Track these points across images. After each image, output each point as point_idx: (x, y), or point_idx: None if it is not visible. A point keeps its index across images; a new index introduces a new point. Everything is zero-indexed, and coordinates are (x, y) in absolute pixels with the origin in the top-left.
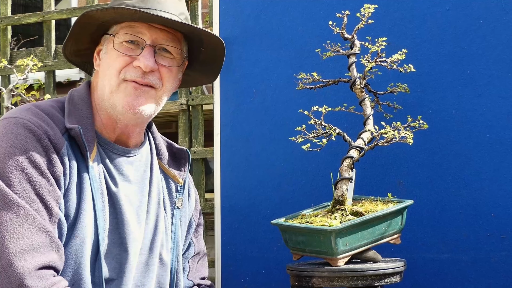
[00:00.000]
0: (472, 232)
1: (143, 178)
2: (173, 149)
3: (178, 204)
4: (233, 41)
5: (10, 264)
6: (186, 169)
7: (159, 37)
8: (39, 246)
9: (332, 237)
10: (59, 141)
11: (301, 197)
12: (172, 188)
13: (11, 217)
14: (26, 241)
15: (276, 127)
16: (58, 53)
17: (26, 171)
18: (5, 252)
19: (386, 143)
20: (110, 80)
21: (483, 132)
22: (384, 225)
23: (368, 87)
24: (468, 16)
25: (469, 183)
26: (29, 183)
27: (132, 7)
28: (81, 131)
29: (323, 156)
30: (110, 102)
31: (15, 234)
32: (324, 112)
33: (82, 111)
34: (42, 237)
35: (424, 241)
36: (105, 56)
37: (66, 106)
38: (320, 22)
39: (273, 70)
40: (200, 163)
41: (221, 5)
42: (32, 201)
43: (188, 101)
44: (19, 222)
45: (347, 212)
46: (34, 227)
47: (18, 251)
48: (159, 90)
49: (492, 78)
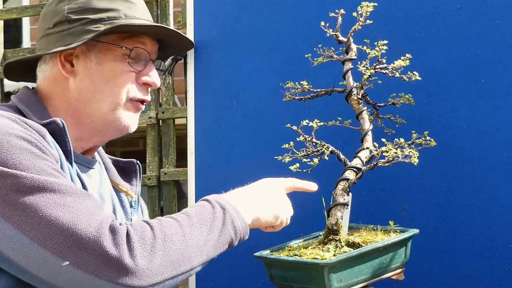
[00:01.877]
0: (487, 267)
1: (100, 193)
2: (120, 164)
3: (134, 221)
4: (210, 45)
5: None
6: (138, 183)
7: (155, 49)
8: (93, 208)
9: (325, 272)
10: (41, 129)
11: (289, 225)
12: (125, 204)
13: (49, 196)
14: (81, 209)
15: (260, 144)
16: (7, 58)
17: (31, 150)
18: (69, 227)
19: (387, 163)
20: (112, 97)
21: (500, 151)
22: (385, 258)
23: (367, 98)
24: (483, 16)
25: (483, 209)
26: (41, 160)
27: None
28: (64, 124)
29: (313, 178)
30: (107, 119)
31: (66, 209)
32: (316, 127)
33: (41, 112)
34: (88, 201)
35: (431, 276)
36: (97, 66)
37: (21, 108)
38: (311, 24)
39: (257, 78)
40: (171, 186)
41: (196, 3)
42: (54, 175)
43: (158, 114)
44: (61, 197)
45: (342, 243)
46: (75, 195)
47: (82, 219)
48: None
49: (510, 87)
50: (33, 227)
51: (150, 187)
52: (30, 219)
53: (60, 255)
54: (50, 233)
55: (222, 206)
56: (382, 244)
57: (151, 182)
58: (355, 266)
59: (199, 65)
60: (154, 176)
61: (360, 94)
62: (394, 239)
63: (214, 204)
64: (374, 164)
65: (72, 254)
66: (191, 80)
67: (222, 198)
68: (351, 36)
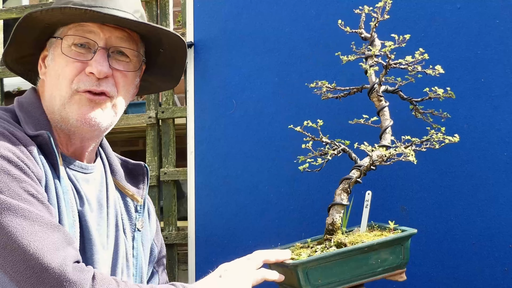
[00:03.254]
0: (487, 266)
1: (99, 198)
2: (128, 165)
3: (138, 226)
4: (209, 44)
5: (44, 267)
6: (145, 186)
7: (113, 36)
8: (60, 243)
9: (299, 271)
10: (29, 144)
11: (289, 225)
12: (130, 209)
13: (19, 222)
14: (47, 241)
15: (260, 144)
16: None
17: (9, 172)
18: (32, 257)
19: (384, 162)
20: (60, 91)
21: (500, 150)
22: (375, 259)
23: (400, 94)
24: (483, 15)
25: (483, 209)
26: (17, 184)
27: (80, 6)
28: (50, 137)
29: (315, 177)
30: (62, 115)
31: (32, 237)
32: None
33: (39, 119)
34: (57, 234)
35: (431, 276)
36: (52, 63)
37: (19, 114)
38: (311, 23)
39: (256, 78)
40: (171, 186)
41: (195, 3)
42: (28, 201)
43: (158, 114)
44: (30, 225)
45: (331, 243)
46: (45, 225)
47: (47, 252)
48: (114, 98)
49: (510, 87)
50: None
51: (150, 186)
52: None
53: (18, 284)
54: (13, 260)
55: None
56: (365, 245)
57: (151, 182)
58: (335, 267)
59: (199, 65)
60: (154, 175)
61: (380, 91)
62: (379, 240)
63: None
64: (370, 164)
65: (29, 285)
66: (190, 80)
67: (188, 285)
68: (374, 31)
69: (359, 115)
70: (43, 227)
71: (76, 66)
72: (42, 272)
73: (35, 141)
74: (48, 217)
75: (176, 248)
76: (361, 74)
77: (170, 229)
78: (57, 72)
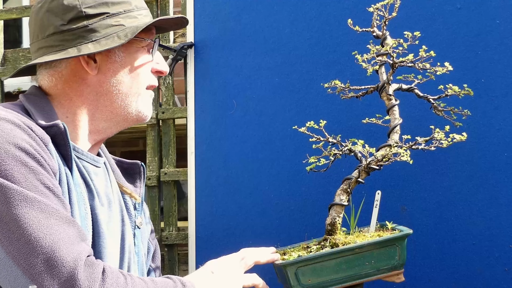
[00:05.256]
0: (487, 267)
1: (107, 192)
2: (123, 165)
3: (138, 223)
4: (210, 44)
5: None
6: (142, 185)
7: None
8: (74, 238)
9: (288, 271)
10: (44, 136)
11: (289, 226)
12: (130, 206)
13: (35, 214)
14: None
15: (260, 144)
16: (7, 59)
17: (26, 163)
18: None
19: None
20: (135, 89)
21: (500, 151)
22: (367, 260)
23: (416, 92)
24: (483, 16)
25: (483, 209)
26: (34, 176)
27: (144, 9)
28: (66, 128)
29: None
30: (130, 110)
31: (48, 230)
32: (317, 127)
33: (48, 112)
34: (72, 229)
35: (431, 276)
36: (120, 60)
37: (28, 107)
38: (311, 23)
39: (257, 78)
40: (171, 186)
41: (196, 3)
42: (44, 194)
43: (158, 114)
44: (46, 218)
45: (327, 243)
46: (61, 219)
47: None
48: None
49: (510, 87)
50: (12, 243)
51: (150, 187)
52: (11, 234)
53: (31, 277)
54: (27, 252)
55: (182, 283)
56: (355, 246)
57: (151, 182)
58: (325, 267)
59: (199, 65)
60: (154, 176)
61: (389, 90)
62: (370, 241)
63: (175, 280)
64: (367, 163)
65: (41, 279)
66: (191, 80)
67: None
68: (385, 28)
69: (359, 115)
70: (59, 220)
71: (149, 66)
72: (56, 266)
73: (48, 132)
74: (63, 211)
75: (177, 248)
76: (361, 74)
77: (171, 229)
78: (131, 70)
